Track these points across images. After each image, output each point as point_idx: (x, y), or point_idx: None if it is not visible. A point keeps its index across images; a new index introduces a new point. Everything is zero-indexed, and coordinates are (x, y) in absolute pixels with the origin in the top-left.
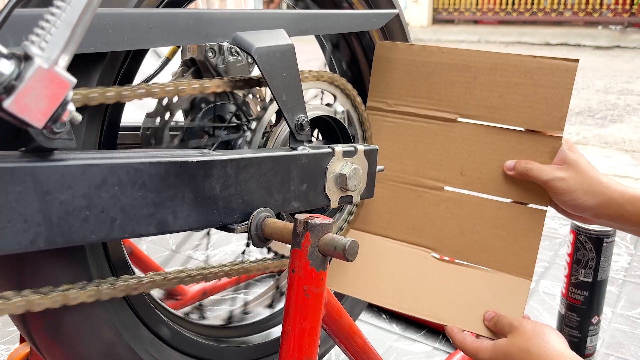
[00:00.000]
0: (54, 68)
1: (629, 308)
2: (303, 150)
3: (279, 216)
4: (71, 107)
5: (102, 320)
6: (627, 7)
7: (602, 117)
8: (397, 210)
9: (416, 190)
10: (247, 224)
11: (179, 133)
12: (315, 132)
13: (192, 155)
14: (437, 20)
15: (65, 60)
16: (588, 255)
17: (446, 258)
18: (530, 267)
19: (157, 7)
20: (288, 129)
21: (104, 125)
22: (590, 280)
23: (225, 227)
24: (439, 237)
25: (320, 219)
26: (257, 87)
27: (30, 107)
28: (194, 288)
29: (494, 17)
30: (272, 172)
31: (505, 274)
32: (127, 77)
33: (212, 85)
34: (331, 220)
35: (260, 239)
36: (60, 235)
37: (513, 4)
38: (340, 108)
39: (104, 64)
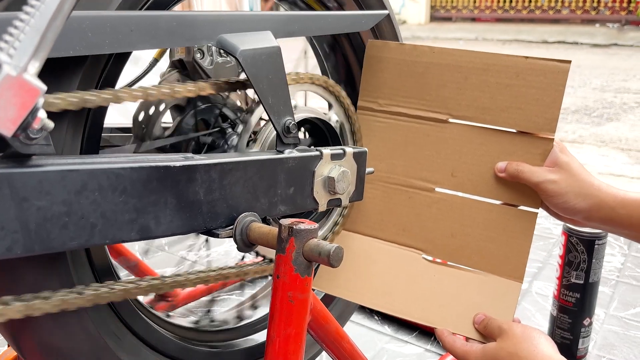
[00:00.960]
0: (22, 75)
1: (622, 309)
2: (290, 153)
3: (265, 220)
4: (42, 114)
5: (86, 327)
6: (625, 5)
7: (598, 115)
8: (387, 211)
9: (407, 191)
10: (232, 229)
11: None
12: (306, 134)
13: (175, 160)
14: (434, 17)
15: (35, 66)
16: (580, 257)
17: (437, 260)
18: (521, 270)
19: (140, 9)
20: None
21: (85, 129)
22: (581, 282)
23: (209, 232)
24: (430, 239)
25: (305, 224)
26: (243, 90)
27: None
28: (185, 290)
29: (492, 15)
30: (258, 176)
31: (496, 276)
32: (109, 81)
33: (195, 88)
34: (316, 225)
35: (245, 244)
36: (39, 242)
37: (511, 1)
38: (335, 117)
39: (84, 67)
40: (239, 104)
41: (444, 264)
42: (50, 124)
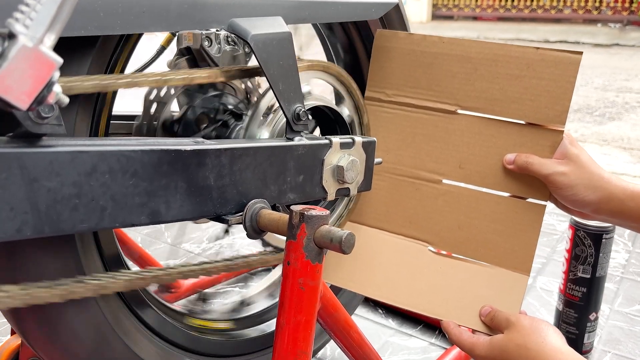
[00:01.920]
0: (39, 47)
1: (627, 305)
2: (300, 140)
3: (274, 208)
4: (57, 88)
5: (95, 315)
6: (627, 5)
7: (600, 114)
8: (394, 202)
9: (414, 182)
10: (241, 215)
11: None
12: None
13: (186, 144)
14: (436, 16)
15: (51, 39)
16: (587, 251)
17: (443, 252)
18: (529, 263)
19: None
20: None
21: (94, 113)
22: (588, 276)
23: (219, 218)
24: (437, 231)
25: (317, 211)
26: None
27: (14, 87)
28: (188, 281)
29: (493, 14)
30: (268, 163)
31: (502, 269)
32: (119, 65)
33: (206, 75)
34: (327, 212)
35: (255, 230)
36: (48, 223)
37: (512, 0)
38: (346, 112)
39: (95, 50)
40: (245, 90)
41: (450, 256)
42: (65, 99)
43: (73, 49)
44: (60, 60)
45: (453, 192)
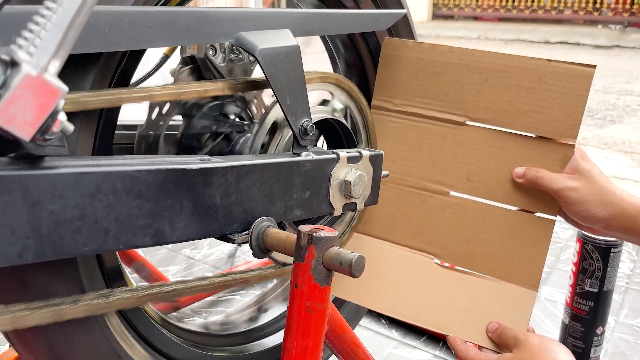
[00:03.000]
0: (43, 75)
1: (632, 317)
2: (307, 156)
3: (280, 225)
4: (62, 116)
5: (96, 335)
6: (628, 6)
7: (601, 117)
8: (400, 213)
9: (420, 194)
10: (247, 234)
11: (176, 133)
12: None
13: (192, 162)
14: (437, 15)
15: (55, 66)
16: (594, 265)
17: (449, 265)
18: (537, 278)
19: (156, 4)
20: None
21: (98, 128)
22: (596, 290)
23: (225, 237)
24: (443, 244)
25: (325, 232)
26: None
27: (17, 117)
28: None
29: (494, 14)
30: (275, 179)
31: (510, 283)
32: (123, 78)
33: (214, 88)
34: (336, 232)
35: (261, 249)
36: (51, 247)
37: (513, 1)
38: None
39: (99, 65)
40: (253, 106)
41: (457, 269)
42: (70, 127)
43: (76, 63)
44: (65, 88)
45: (460, 205)
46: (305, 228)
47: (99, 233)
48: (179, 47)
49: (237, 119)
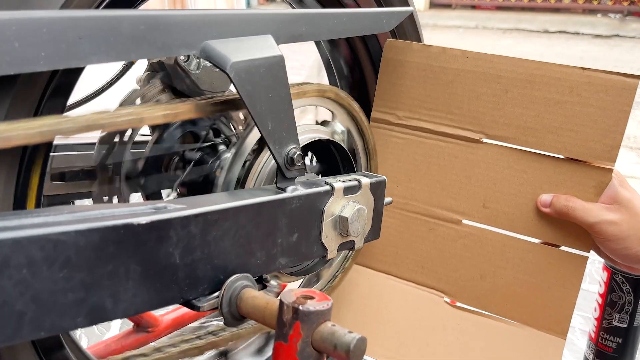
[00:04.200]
0: None
1: None
2: (294, 191)
3: (260, 280)
4: None
5: None
6: None
7: None
8: (404, 244)
9: (428, 221)
10: (217, 298)
11: (143, 151)
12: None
13: (141, 214)
14: (434, 4)
15: None
16: (625, 298)
17: (462, 305)
18: (565, 323)
19: (97, 7)
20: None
21: (21, 173)
22: (625, 325)
23: (188, 303)
24: (454, 280)
25: (316, 302)
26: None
27: None
28: (168, 317)
29: (492, 3)
30: (253, 224)
31: (533, 329)
32: (58, 98)
33: (179, 112)
34: (330, 302)
35: (235, 317)
36: None
37: None
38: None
39: (15, 89)
40: (240, 116)
41: (471, 311)
42: None
43: None
44: None
45: (475, 235)
46: (288, 296)
47: (10, 318)
48: None
49: (215, 137)
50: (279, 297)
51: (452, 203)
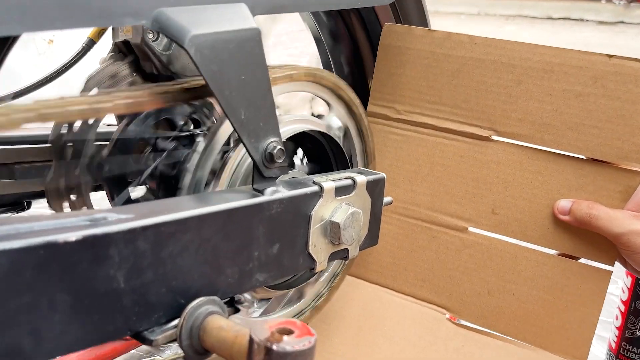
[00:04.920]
0: None
1: None
2: (274, 193)
3: (231, 303)
4: None
5: None
6: None
7: None
8: (403, 253)
9: (430, 228)
10: (175, 328)
11: (107, 143)
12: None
13: (71, 227)
14: None
15: None
16: None
17: (466, 323)
18: (585, 347)
19: None
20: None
21: None
22: None
23: (138, 336)
24: (458, 295)
25: (294, 338)
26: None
27: None
28: None
29: None
30: (222, 236)
31: (547, 352)
32: None
33: (130, 102)
34: (313, 339)
35: (197, 351)
36: None
37: None
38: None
39: None
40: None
41: (476, 329)
42: None
43: None
44: None
45: (482, 245)
46: (260, 330)
47: None
48: (109, 29)
49: (195, 127)
50: (250, 337)
51: (457, 208)
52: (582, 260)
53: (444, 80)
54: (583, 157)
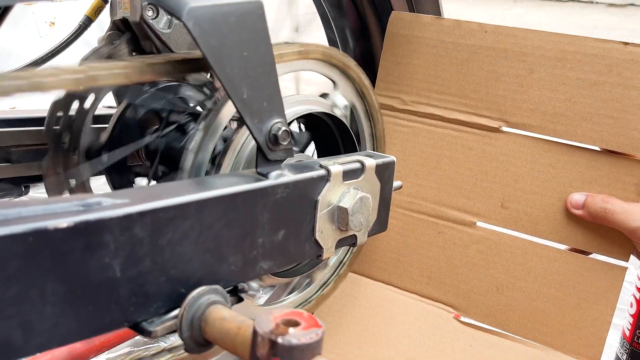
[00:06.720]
0: None
1: None
2: (279, 177)
3: (235, 291)
4: None
5: None
6: None
7: None
8: (408, 249)
9: (436, 223)
10: (175, 319)
11: (106, 126)
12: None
13: (63, 213)
14: None
15: None
16: None
17: (474, 322)
18: (598, 347)
19: None
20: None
21: None
22: None
23: (136, 327)
24: (465, 292)
25: (301, 330)
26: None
27: None
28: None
29: None
30: (224, 222)
31: (559, 352)
32: None
33: (120, 72)
34: (320, 331)
35: (198, 343)
36: None
37: None
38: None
39: None
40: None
41: (484, 329)
42: None
43: None
44: None
45: (491, 240)
46: (265, 322)
47: None
48: (107, 6)
49: (196, 106)
50: (254, 330)
51: (465, 202)
52: (595, 256)
53: (452, 69)
54: (597, 148)
